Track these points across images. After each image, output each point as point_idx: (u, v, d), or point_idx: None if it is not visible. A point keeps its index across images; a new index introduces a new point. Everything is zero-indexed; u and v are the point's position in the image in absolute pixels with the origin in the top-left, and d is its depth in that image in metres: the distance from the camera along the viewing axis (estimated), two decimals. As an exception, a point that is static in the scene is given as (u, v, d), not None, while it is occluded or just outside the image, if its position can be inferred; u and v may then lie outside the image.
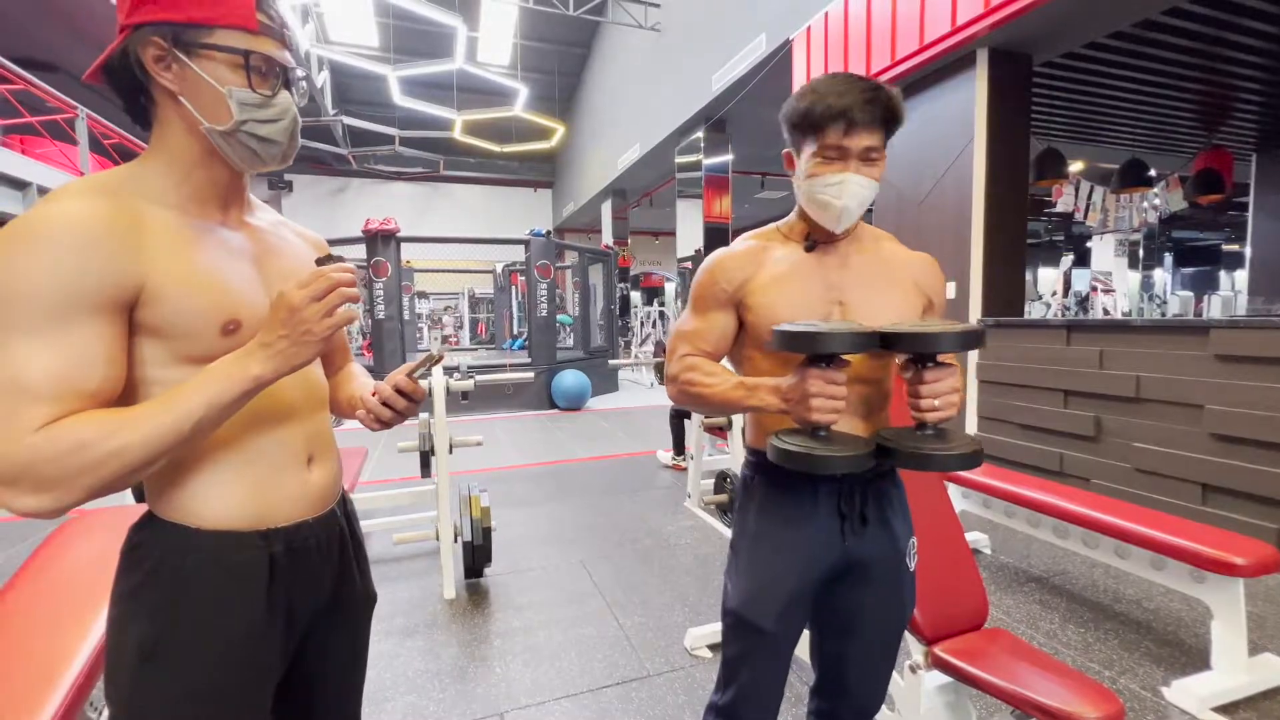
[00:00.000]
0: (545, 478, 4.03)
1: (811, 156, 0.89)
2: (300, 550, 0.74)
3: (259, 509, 0.70)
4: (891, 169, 4.41)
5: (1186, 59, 4.20)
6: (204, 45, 0.64)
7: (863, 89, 0.86)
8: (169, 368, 0.64)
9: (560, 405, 6.86)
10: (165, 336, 0.63)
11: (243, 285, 0.69)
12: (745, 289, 0.94)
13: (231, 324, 0.66)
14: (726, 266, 0.96)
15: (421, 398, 0.84)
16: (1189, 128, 5.76)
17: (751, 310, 0.93)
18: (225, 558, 0.68)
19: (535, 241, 6.94)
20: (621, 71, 10.34)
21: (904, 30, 3.91)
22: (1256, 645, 1.87)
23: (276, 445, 0.72)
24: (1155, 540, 1.80)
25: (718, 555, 2.66)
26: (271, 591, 0.70)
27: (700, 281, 0.98)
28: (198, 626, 0.66)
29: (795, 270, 0.94)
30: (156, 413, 0.59)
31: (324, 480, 0.78)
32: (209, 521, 0.67)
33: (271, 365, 0.63)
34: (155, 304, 0.62)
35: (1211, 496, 2.60)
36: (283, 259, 0.76)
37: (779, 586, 0.92)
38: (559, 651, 1.92)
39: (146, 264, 0.61)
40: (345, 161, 13.30)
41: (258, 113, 0.67)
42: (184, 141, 0.67)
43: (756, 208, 13.69)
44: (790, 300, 0.92)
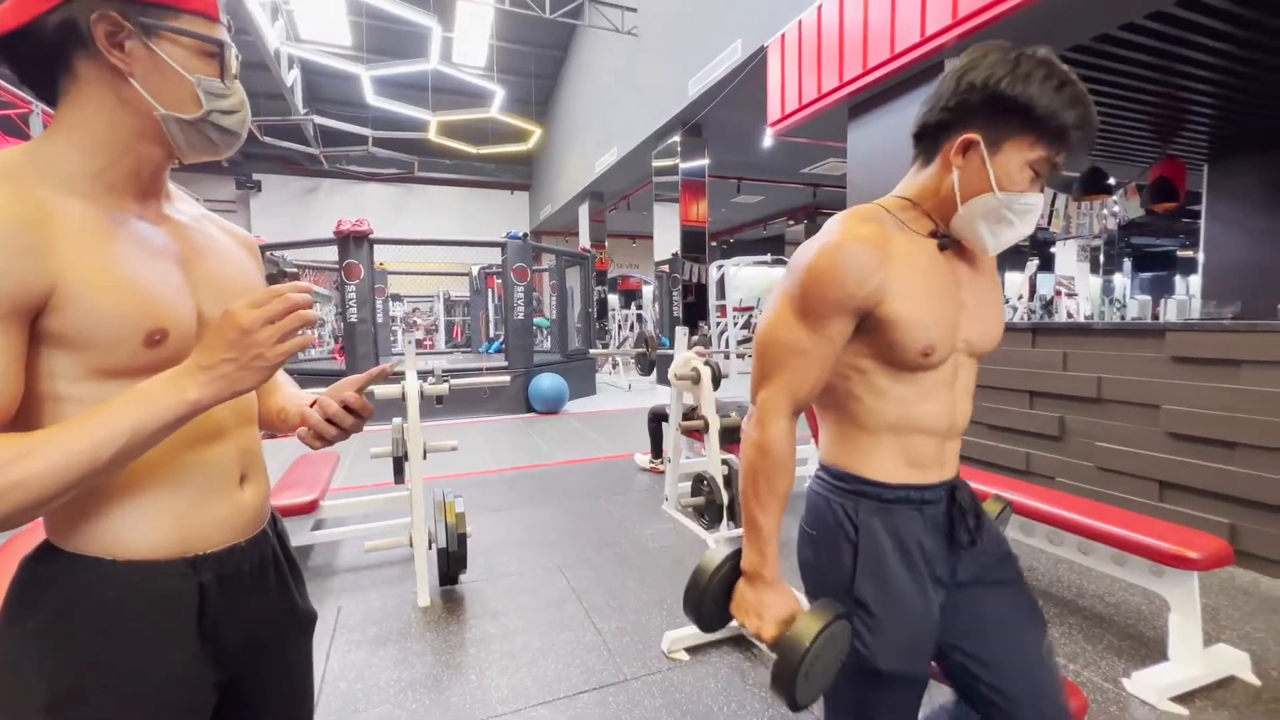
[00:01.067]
0: (522, 482, 4.00)
1: (1022, 165, 0.75)
2: (232, 576, 0.68)
3: (186, 535, 0.64)
4: (864, 175, 4.50)
5: (1142, 73, 4.36)
6: (170, 28, 0.59)
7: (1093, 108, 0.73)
8: (81, 382, 0.57)
9: (537, 409, 6.82)
10: (78, 347, 0.56)
11: (168, 290, 0.62)
12: (882, 292, 0.76)
13: (157, 334, 0.59)
14: (856, 261, 0.76)
15: (369, 414, 0.78)
16: (1145, 139, 5.98)
17: (889, 321, 0.77)
18: (149, 591, 0.61)
19: (511, 244, 6.89)
20: (598, 75, 10.36)
21: (875, 39, 4.00)
22: (1211, 636, 1.95)
23: (207, 466, 0.66)
24: (1116, 536, 1.86)
25: (695, 558, 2.66)
26: (202, 623, 0.65)
27: (816, 280, 0.78)
28: (120, 670, 0.60)
29: (929, 269, 0.80)
30: (68, 439, 0.52)
31: (256, 500, 0.72)
32: (128, 552, 0.61)
33: (212, 390, 0.56)
34: (67, 310, 0.54)
35: (1168, 493, 2.70)
36: (211, 261, 0.69)
37: (926, 631, 0.84)
38: (536, 658, 1.91)
39: (57, 263, 0.54)
40: (317, 161, 13.05)
41: (220, 103, 0.63)
42: (113, 123, 0.60)
43: (732, 212, 13.82)
44: (932, 309, 0.79)
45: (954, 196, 0.79)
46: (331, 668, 1.86)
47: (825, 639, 0.75)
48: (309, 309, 0.59)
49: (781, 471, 0.82)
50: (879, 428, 0.84)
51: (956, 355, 0.85)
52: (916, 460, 0.85)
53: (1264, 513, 2.38)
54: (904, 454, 0.84)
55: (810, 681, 0.76)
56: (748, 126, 7.07)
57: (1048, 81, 0.72)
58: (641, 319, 13.94)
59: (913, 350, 0.79)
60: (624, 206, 12.43)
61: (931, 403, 0.83)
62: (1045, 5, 3.09)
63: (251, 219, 13.78)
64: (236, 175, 13.72)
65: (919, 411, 0.83)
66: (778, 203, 13.00)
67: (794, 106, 4.86)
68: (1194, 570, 1.71)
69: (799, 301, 0.80)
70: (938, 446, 0.86)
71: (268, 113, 10.33)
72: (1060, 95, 0.72)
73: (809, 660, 0.74)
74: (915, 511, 0.84)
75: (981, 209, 0.77)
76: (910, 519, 0.84)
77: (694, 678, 1.79)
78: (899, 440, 0.84)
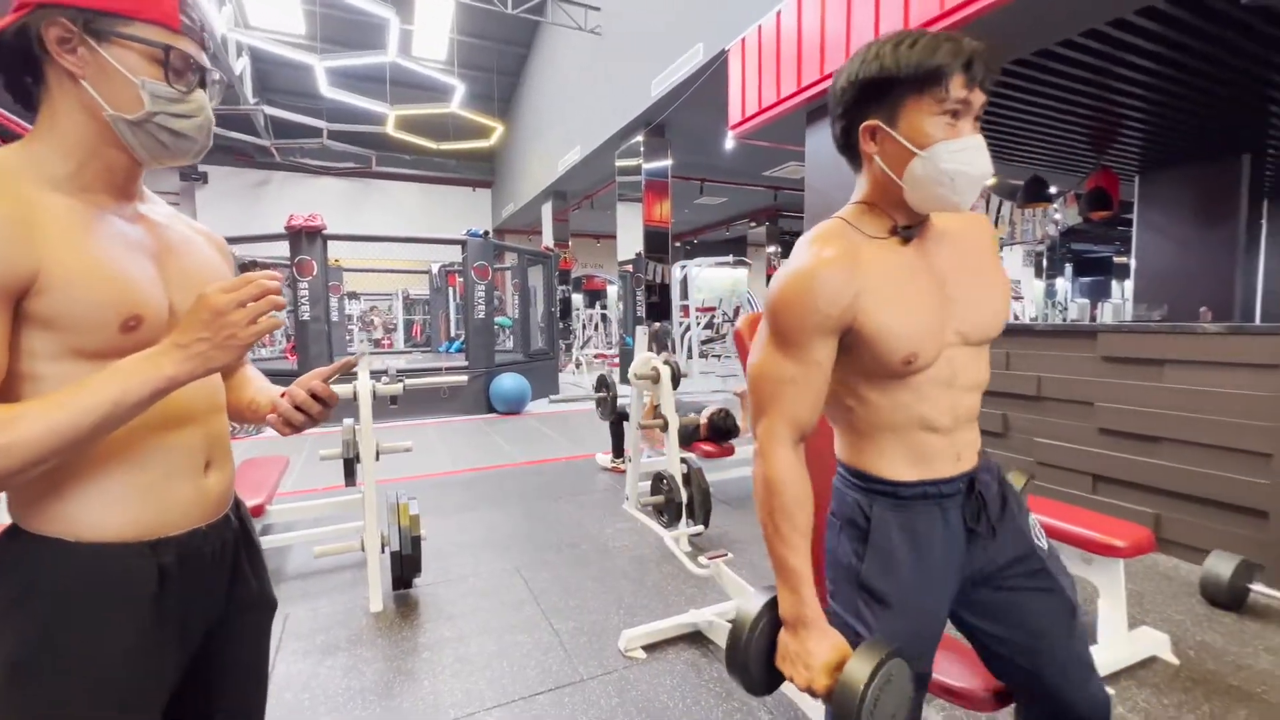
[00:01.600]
0: (481, 483, 3.94)
1: (931, 117, 0.74)
2: (193, 559, 0.71)
3: (149, 518, 0.67)
4: (821, 178, 4.61)
5: (1079, 87, 4.60)
6: (121, 35, 0.63)
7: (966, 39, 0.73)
8: (59, 361, 0.61)
9: (499, 409, 6.73)
10: (58, 328, 0.60)
11: (144, 280, 0.66)
12: (855, 308, 0.77)
13: (133, 320, 0.63)
14: (826, 285, 0.77)
15: (335, 403, 0.83)
16: (1083, 150, 6.31)
17: (866, 336, 0.78)
18: (109, 572, 0.64)
19: (472, 242, 6.79)
20: (562, 73, 10.29)
21: (832, 46, 4.09)
22: (1135, 619, 2.07)
23: (174, 450, 0.69)
24: (1049, 527, 1.95)
25: (654, 556, 2.68)
26: (161, 604, 0.67)
27: (789, 307, 0.78)
28: (77, 648, 0.62)
29: (901, 271, 0.80)
30: (54, 408, 0.56)
31: (220, 486, 0.75)
32: (90, 534, 0.64)
33: (188, 367, 0.61)
34: (50, 294, 0.59)
35: (1101, 486, 2.85)
36: (183, 257, 0.74)
37: (934, 623, 0.85)
38: (491, 661, 1.88)
39: (41, 251, 0.58)
40: (268, 154, 12.54)
41: (171, 106, 0.66)
42: (80, 126, 0.65)
43: (696, 213, 13.93)
44: (910, 313, 0.79)
45: (894, 181, 0.79)
46: (276, 678, 1.79)
47: (881, 681, 0.70)
48: (279, 295, 0.64)
49: (798, 505, 0.80)
50: (880, 432, 0.85)
51: (950, 351, 0.83)
52: (926, 458, 0.84)
53: (1184, 503, 2.55)
54: (912, 453, 0.84)
55: None
56: (710, 128, 7.13)
57: (899, 47, 0.74)
58: (606, 319, 13.93)
59: (894, 361, 0.80)
60: (588, 206, 12.38)
61: (928, 404, 0.83)
62: (989, 19, 3.23)
63: (197, 212, 13.14)
64: (180, 166, 13.08)
65: (917, 413, 0.83)
66: (740, 205, 13.17)
67: (754, 110, 4.94)
68: (1120, 558, 1.82)
69: (778, 332, 0.81)
70: (946, 441, 0.85)
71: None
72: (914, 49, 0.73)
73: (867, 707, 0.70)
74: (934, 507, 0.84)
75: (920, 174, 0.76)
76: (929, 515, 0.84)
77: (650, 675, 1.81)
78: (904, 441, 0.84)
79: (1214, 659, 1.86)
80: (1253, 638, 1.97)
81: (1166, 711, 1.62)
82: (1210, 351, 2.45)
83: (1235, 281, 6.33)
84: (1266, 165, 6.39)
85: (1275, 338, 2.25)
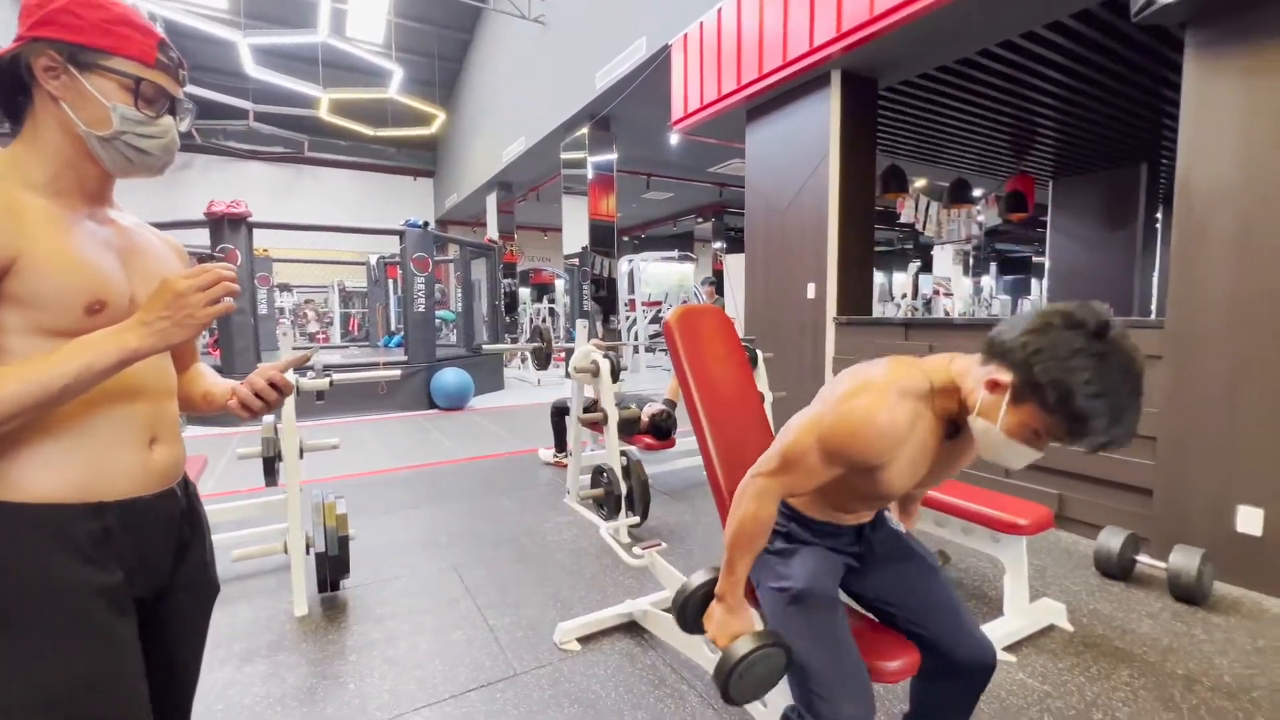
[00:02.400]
0: (419, 481, 3.84)
1: (1040, 433, 0.87)
2: (136, 525, 0.77)
3: (91, 482, 0.73)
4: (761, 176, 4.71)
5: (998, 95, 4.89)
6: (100, 67, 0.74)
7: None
8: (26, 337, 0.69)
9: (440, 405, 6.56)
10: (29, 307, 0.68)
11: (109, 272, 0.75)
12: (884, 460, 0.97)
13: (96, 304, 0.72)
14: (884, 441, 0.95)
15: (289, 391, 0.93)
16: (1003, 154, 6.72)
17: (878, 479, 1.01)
18: (50, 527, 0.70)
19: (410, 232, 6.57)
20: (506, 61, 10.07)
21: (770, 46, 4.18)
22: (1038, 591, 2.23)
23: (119, 422, 0.76)
24: (964, 510, 2.08)
25: (593, 549, 2.69)
26: (101, 559, 0.73)
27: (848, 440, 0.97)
28: (23, 597, 0.68)
29: (926, 452, 1.00)
30: (28, 371, 0.64)
31: (164, 461, 0.82)
32: (35, 495, 0.70)
33: (149, 342, 0.69)
34: (26, 276, 0.67)
35: (1013, 471, 3.06)
36: (145, 258, 0.83)
37: (830, 565, 1.15)
38: (422, 660, 1.85)
39: (22, 239, 0.67)
40: (188, 136, 11.59)
41: (139, 128, 0.76)
42: (58, 140, 0.75)
43: (643, 208, 13.98)
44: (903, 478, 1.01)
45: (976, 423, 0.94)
46: (188, 689, 1.70)
47: (759, 656, 1.01)
48: (234, 283, 0.73)
49: (763, 536, 1.11)
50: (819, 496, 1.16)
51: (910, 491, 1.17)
52: (839, 518, 1.19)
53: (1083, 483, 2.76)
54: (830, 513, 1.18)
55: (743, 684, 1.02)
56: (655, 124, 7.15)
57: (1088, 403, 0.81)
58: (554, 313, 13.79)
59: (877, 488, 1.03)
60: (534, 198, 12.19)
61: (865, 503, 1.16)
62: (915, 25, 3.38)
63: (106, 196, 12.16)
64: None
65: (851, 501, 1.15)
66: (686, 200, 13.29)
67: (696, 106, 4.99)
68: (1023, 535, 1.95)
69: (828, 442, 1.00)
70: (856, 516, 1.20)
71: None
72: (1090, 404, 0.81)
73: (742, 667, 1.00)
74: (832, 537, 1.19)
75: (997, 438, 0.91)
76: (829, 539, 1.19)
77: (584, 666, 1.81)
78: (829, 503, 1.17)
79: (1104, 625, 2.03)
80: (1137, 604, 2.17)
81: (1060, 674, 1.76)
82: (1105, 344, 2.66)
83: (1134, 279, 6.90)
84: (1161, 173, 6.97)
85: (1159, 330, 2.47)
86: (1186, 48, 2.35)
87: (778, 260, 4.53)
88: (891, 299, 17.37)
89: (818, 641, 1.06)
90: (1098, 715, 1.58)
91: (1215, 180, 2.31)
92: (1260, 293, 2.20)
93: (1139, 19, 2.33)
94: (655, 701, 1.65)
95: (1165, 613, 2.10)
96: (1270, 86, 2.16)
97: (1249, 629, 1.99)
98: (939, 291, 12.70)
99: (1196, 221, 2.36)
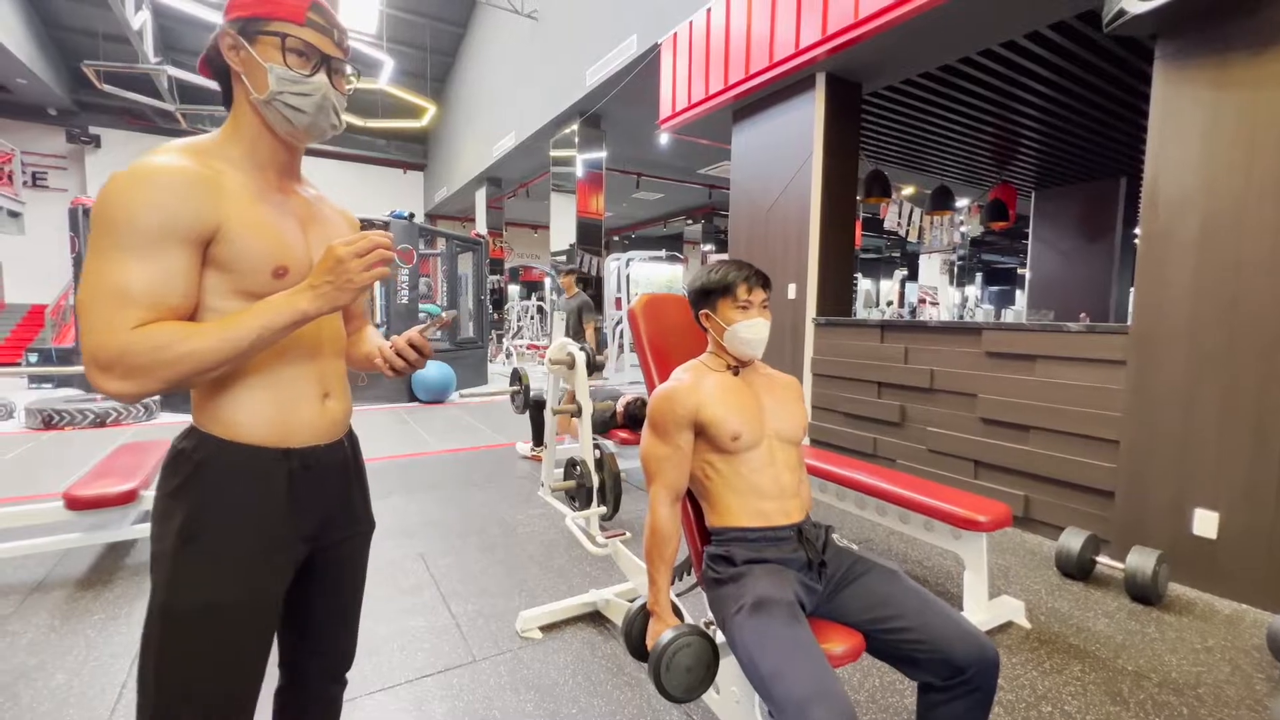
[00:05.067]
0: (393, 472, 3.82)
1: (731, 306, 1.29)
2: (314, 470, 0.87)
3: (282, 430, 0.83)
4: (746, 176, 4.73)
5: (980, 104, 4.95)
6: (261, 33, 0.81)
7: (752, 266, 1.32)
8: (226, 298, 0.78)
9: (422, 398, 6.53)
10: (228, 271, 0.77)
11: (293, 240, 0.84)
12: (699, 405, 1.25)
13: (281, 269, 0.80)
14: (680, 396, 1.26)
15: (429, 352, 1.00)
16: (985, 164, 6.81)
17: (707, 422, 1.24)
18: (254, 466, 0.81)
19: (395, 223, 6.53)
20: (499, 56, 10.04)
21: (757, 47, 4.21)
22: (999, 589, 2.26)
23: (299, 378, 0.85)
24: (925, 505, 2.10)
25: (562, 540, 2.69)
26: (289, 497, 0.84)
27: (659, 411, 1.27)
28: (230, 517, 0.79)
29: (731, 389, 1.29)
30: (223, 329, 0.73)
31: (336, 414, 0.91)
32: (243, 436, 0.81)
33: (316, 304, 0.77)
34: (226, 243, 0.76)
35: (981, 471, 3.10)
36: (324, 227, 0.91)
37: (788, 583, 1.17)
38: (379, 646, 1.83)
39: (224, 211, 0.75)
40: (172, 119, 11.47)
41: (292, 86, 0.81)
42: (248, 116, 0.83)
43: (634, 207, 13.99)
44: (732, 410, 1.25)
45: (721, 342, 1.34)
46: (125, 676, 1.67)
47: (678, 645, 1.13)
48: (389, 250, 0.80)
49: (668, 542, 1.24)
50: (729, 497, 1.27)
51: (769, 440, 1.29)
52: (765, 514, 1.25)
53: (1048, 485, 2.80)
54: (752, 510, 1.26)
55: (672, 675, 1.12)
56: (645, 123, 7.17)
57: (727, 267, 1.33)
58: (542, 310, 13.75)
59: (725, 436, 1.24)
60: (524, 195, 12.16)
61: (760, 475, 1.27)
62: (896, 32, 3.41)
63: (87, 179, 11.97)
64: (68, 126, 11.84)
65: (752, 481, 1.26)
66: (676, 201, 13.32)
67: (684, 105, 5.00)
68: (982, 532, 1.98)
69: (654, 420, 1.28)
70: (778, 503, 1.26)
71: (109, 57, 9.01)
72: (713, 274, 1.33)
73: (666, 657, 1.11)
74: (773, 545, 1.23)
75: (727, 340, 1.31)
76: (770, 548, 1.23)
77: (544, 654, 1.81)
78: (744, 502, 1.26)
79: (1060, 622, 2.06)
80: (1094, 604, 2.20)
81: (1014, 669, 1.78)
82: (1071, 348, 2.70)
83: (1111, 290, 7.01)
84: (1139, 187, 7.10)
85: (1123, 336, 2.52)
86: (1156, 59, 2.40)
87: (761, 260, 4.55)
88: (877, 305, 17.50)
89: (780, 644, 1.03)
90: (1046, 708, 1.61)
91: (1180, 189, 2.36)
92: (1216, 300, 2.25)
93: (1111, 30, 2.37)
94: (613, 689, 1.65)
95: (1121, 612, 2.14)
96: (1232, 99, 2.21)
97: (1200, 629, 2.03)
98: (925, 300, 12.84)
99: (1162, 229, 2.40)
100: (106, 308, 0.69)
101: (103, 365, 0.69)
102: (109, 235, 0.71)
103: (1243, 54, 2.18)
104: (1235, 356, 2.21)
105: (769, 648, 1.03)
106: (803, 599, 1.16)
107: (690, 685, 1.14)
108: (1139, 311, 2.47)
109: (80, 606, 2.04)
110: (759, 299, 1.29)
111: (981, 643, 1.07)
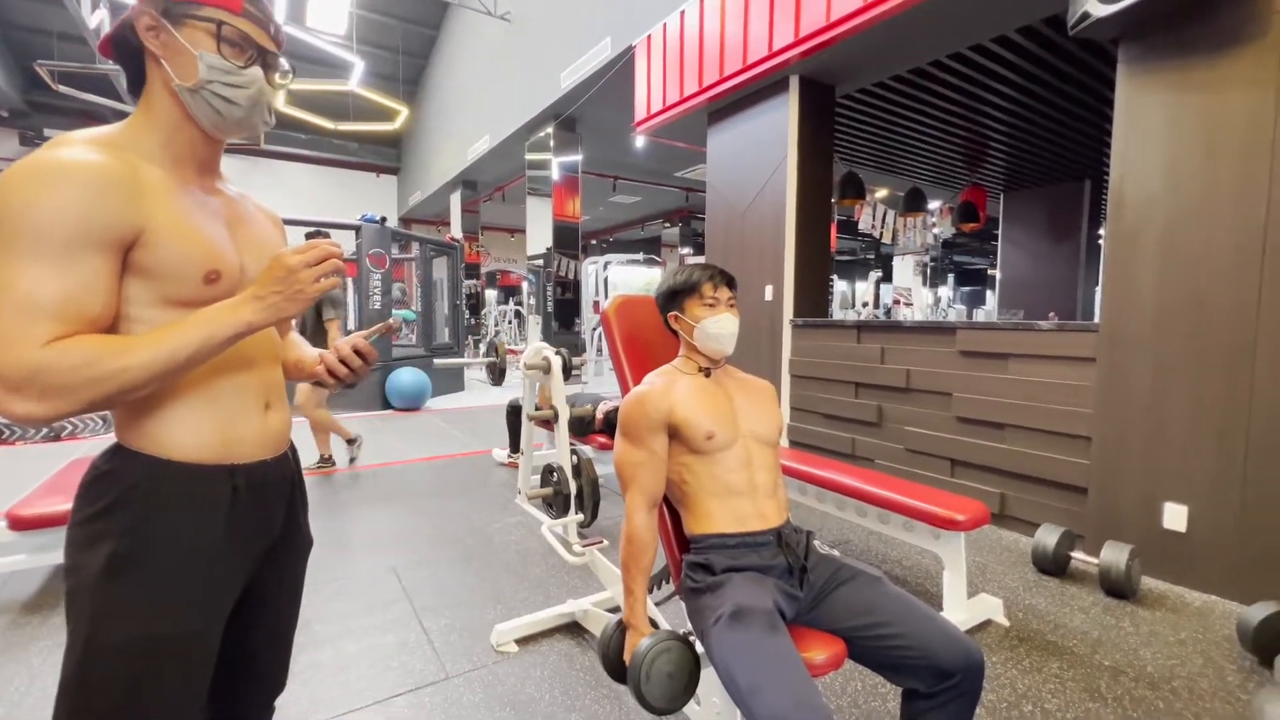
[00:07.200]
0: (365, 481, 3.71)
1: (700, 305, 1.31)
2: (259, 486, 0.82)
3: (224, 446, 0.78)
4: (721, 179, 4.73)
5: (950, 107, 5.03)
6: (189, 16, 0.74)
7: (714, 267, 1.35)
8: (151, 307, 0.71)
9: (396, 405, 6.39)
10: (153, 278, 0.71)
11: (221, 242, 0.78)
12: (671, 409, 1.24)
13: (213, 274, 0.75)
14: (651, 400, 1.25)
15: (374, 358, 0.97)
16: (956, 166, 6.93)
17: (679, 423, 1.23)
18: (193, 486, 0.75)
19: (367, 228, 6.40)
20: (472, 58, 9.93)
21: (730, 49, 4.21)
22: (978, 587, 2.27)
23: (241, 390, 0.80)
24: (904, 505, 2.10)
25: (539, 549, 2.63)
26: (231, 519, 0.78)
27: (630, 416, 1.25)
28: (166, 545, 0.73)
29: (703, 391, 1.28)
30: (156, 343, 0.67)
31: (279, 425, 0.86)
32: (179, 454, 0.74)
33: (263, 315, 0.72)
34: (150, 248, 0.69)
35: (958, 470, 3.12)
36: (250, 227, 0.86)
37: (767, 591, 1.14)
38: (347, 665, 1.76)
39: (145, 212, 0.69)
40: (133, 122, 11.17)
41: (225, 77, 0.76)
42: (166, 104, 0.76)
43: (611, 211, 13.95)
44: (704, 411, 1.24)
45: (692, 344, 1.35)
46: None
47: (657, 650, 1.10)
48: (340, 259, 0.76)
49: (645, 551, 1.21)
50: (707, 500, 1.24)
51: (744, 440, 1.27)
52: (742, 517, 1.22)
53: (1024, 483, 2.83)
54: (729, 514, 1.23)
55: (651, 684, 1.08)
56: (621, 126, 7.13)
57: (691, 268, 1.36)
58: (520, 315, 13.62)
59: (699, 436, 1.23)
60: (500, 198, 12.04)
61: (736, 475, 1.24)
62: (868, 35, 3.44)
63: (42, 183, 11.50)
64: (21, 128, 11.38)
65: (727, 482, 1.24)
66: (654, 204, 13.32)
67: (659, 107, 4.99)
68: (960, 531, 1.98)
69: (626, 427, 1.26)
70: (754, 503, 1.24)
71: (64, 57, 8.67)
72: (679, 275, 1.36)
73: (645, 665, 1.08)
74: (752, 552, 1.20)
75: (699, 335, 1.31)
76: (749, 555, 1.20)
77: (520, 668, 1.75)
78: (722, 504, 1.23)
79: (1038, 619, 2.07)
80: (1070, 599, 2.22)
81: (994, 668, 1.78)
82: (1043, 346, 2.74)
83: (1078, 290, 7.18)
84: (1103, 189, 7.30)
85: (1093, 334, 2.55)
86: (1119, 62, 2.45)
87: (737, 262, 4.54)
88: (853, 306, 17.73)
89: (758, 655, 1.01)
90: (1028, 707, 1.60)
91: (1144, 190, 2.40)
92: (1181, 298, 2.30)
93: (1075, 33, 2.41)
94: (591, 703, 1.61)
95: (1096, 607, 2.16)
96: (1193, 101, 2.26)
97: (1172, 622, 2.06)
98: (899, 301, 13.02)
99: (1128, 230, 2.45)
100: (12, 321, 0.62)
101: (12, 386, 0.61)
102: (11, 240, 0.62)
103: (1202, 57, 2.23)
104: (1200, 353, 2.25)
105: (747, 659, 1.01)
106: (783, 607, 1.13)
107: (673, 694, 1.10)
108: (1107, 310, 2.51)
109: (24, 633, 1.92)
110: (725, 296, 1.31)
111: (967, 647, 1.06)
